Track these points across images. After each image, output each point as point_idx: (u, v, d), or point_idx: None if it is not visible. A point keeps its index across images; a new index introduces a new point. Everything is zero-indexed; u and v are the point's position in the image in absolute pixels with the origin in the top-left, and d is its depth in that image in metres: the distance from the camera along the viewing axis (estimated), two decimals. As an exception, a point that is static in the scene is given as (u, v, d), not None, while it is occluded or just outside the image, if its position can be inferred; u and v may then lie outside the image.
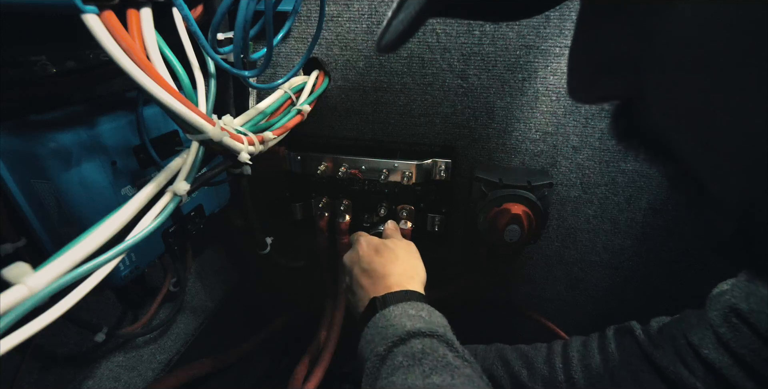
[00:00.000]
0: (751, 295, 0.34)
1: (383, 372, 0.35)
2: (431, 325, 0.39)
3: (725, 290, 0.38)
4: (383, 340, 0.38)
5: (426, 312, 0.42)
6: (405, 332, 0.38)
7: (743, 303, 0.35)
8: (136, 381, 0.61)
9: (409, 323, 0.39)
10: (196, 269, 0.76)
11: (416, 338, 0.37)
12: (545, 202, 0.58)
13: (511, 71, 0.55)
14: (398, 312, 0.41)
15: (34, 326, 0.23)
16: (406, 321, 0.40)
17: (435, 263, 0.53)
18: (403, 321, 0.40)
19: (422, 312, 0.41)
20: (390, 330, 0.39)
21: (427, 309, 0.42)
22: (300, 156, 0.65)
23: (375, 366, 0.37)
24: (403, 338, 0.37)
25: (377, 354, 0.37)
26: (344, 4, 0.54)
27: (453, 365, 0.34)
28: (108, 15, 0.25)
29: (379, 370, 0.36)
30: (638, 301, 0.69)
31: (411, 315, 0.40)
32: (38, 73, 0.37)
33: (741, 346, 0.34)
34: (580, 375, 0.45)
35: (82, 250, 0.25)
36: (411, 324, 0.39)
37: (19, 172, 0.37)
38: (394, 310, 0.41)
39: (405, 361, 0.35)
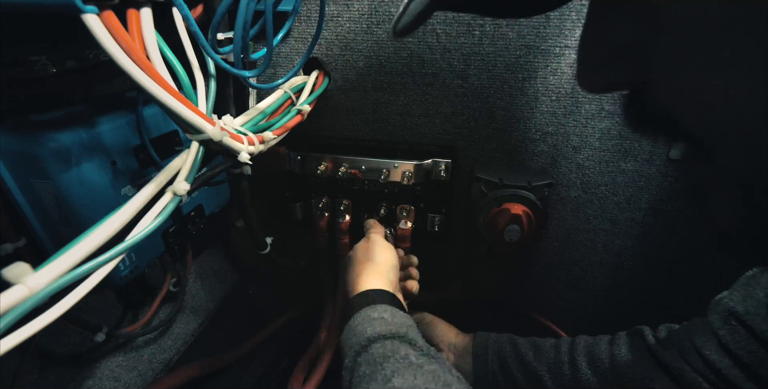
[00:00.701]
0: (748, 298, 0.35)
1: (353, 385, 0.36)
2: (393, 326, 0.39)
3: (725, 295, 0.38)
4: (349, 351, 0.39)
5: (389, 313, 0.42)
6: (365, 338, 0.38)
7: (740, 306, 0.36)
8: (136, 381, 0.61)
9: (369, 328, 0.39)
10: (196, 269, 0.76)
11: (377, 342, 0.37)
12: (545, 202, 0.58)
13: (511, 71, 0.55)
14: (360, 319, 0.41)
15: (34, 326, 0.23)
16: (367, 326, 0.40)
17: (435, 263, 0.54)
18: (364, 327, 0.40)
19: (384, 314, 0.41)
20: (353, 339, 0.40)
21: (390, 310, 0.42)
22: (300, 156, 0.65)
23: (346, 380, 0.37)
24: (364, 345, 0.38)
25: (346, 367, 0.38)
26: (344, 4, 0.54)
27: (415, 364, 0.34)
28: (108, 15, 0.25)
29: (351, 383, 0.36)
30: (638, 301, 0.69)
31: (372, 319, 0.41)
32: (38, 73, 0.37)
33: (739, 348, 0.35)
34: (583, 359, 0.46)
35: (82, 250, 0.25)
36: (371, 328, 0.39)
37: (19, 172, 0.37)
38: (356, 317, 0.42)
39: (367, 369, 0.35)
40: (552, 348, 0.50)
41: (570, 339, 0.50)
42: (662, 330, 0.45)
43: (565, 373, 0.47)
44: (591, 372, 0.45)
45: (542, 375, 0.48)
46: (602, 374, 0.45)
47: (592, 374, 0.45)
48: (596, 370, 0.45)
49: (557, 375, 0.47)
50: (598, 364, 0.45)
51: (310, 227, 0.71)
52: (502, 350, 0.52)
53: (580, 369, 0.46)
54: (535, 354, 0.50)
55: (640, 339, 0.45)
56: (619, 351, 0.45)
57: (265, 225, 0.77)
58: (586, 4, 0.22)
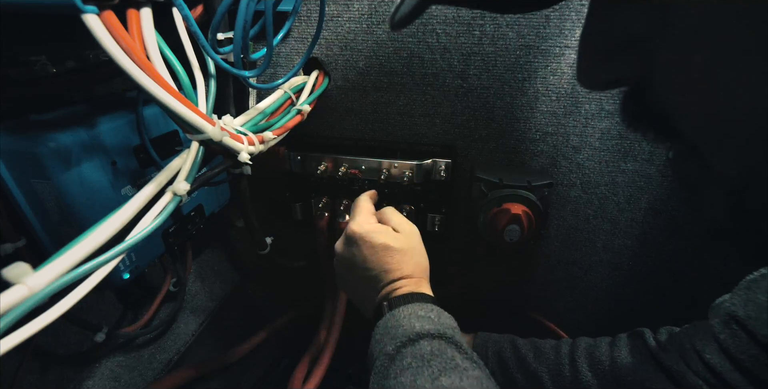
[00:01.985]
0: (749, 302, 0.35)
1: (392, 372, 0.35)
2: (440, 327, 0.39)
3: (726, 299, 0.38)
4: (392, 340, 0.38)
5: (435, 313, 0.41)
6: (414, 333, 0.38)
7: (741, 310, 0.35)
8: (136, 381, 0.61)
9: (418, 324, 0.39)
10: (196, 269, 0.76)
11: (425, 339, 0.37)
12: (545, 202, 0.58)
13: (511, 71, 0.55)
14: (407, 313, 0.41)
15: (34, 326, 0.23)
16: (415, 321, 0.39)
17: (435, 263, 0.53)
18: (412, 322, 0.39)
19: (431, 313, 0.41)
20: (399, 330, 0.39)
21: (436, 311, 0.42)
22: (300, 156, 0.65)
23: (384, 365, 0.37)
24: (412, 339, 0.37)
25: (386, 354, 0.37)
26: (344, 4, 0.54)
27: (462, 367, 0.34)
28: (108, 15, 0.25)
29: (388, 370, 0.36)
30: (638, 301, 0.69)
31: (420, 316, 0.40)
32: (38, 73, 0.37)
33: (740, 352, 0.35)
34: (583, 361, 0.46)
35: (82, 250, 0.25)
36: (420, 325, 0.39)
37: (19, 172, 0.37)
38: (403, 310, 0.41)
39: (414, 362, 0.35)
40: (552, 350, 0.50)
41: (570, 341, 0.50)
42: (663, 333, 0.44)
43: (565, 375, 0.47)
44: (591, 374, 0.45)
45: (542, 376, 0.48)
46: (602, 376, 0.45)
47: (592, 376, 0.45)
48: (596, 372, 0.45)
49: (557, 376, 0.47)
50: (598, 366, 0.45)
51: (310, 227, 0.71)
52: (502, 350, 0.52)
53: (580, 370, 0.46)
54: (535, 355, 0.50)
55: (641, 342, 0.45)
56: (619, 354, 0.45)
57: (265, 225, 0.77)
58: (586, 3, 0.22)
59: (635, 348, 0.44)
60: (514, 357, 0.51)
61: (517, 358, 0.51)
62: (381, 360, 0.37)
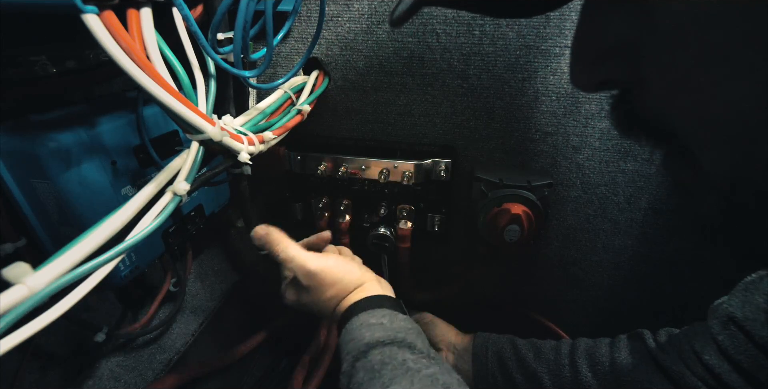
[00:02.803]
0: (747, 304, 0.35)
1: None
2: (391, 332, 0.39)
3: (724, 300, 0.39)
4: (347, 356, 0.38)
5: (387, 318, 0.41)
6: (363, 344, 0.38)
7: (739, 312, 0.36)
8: (136, 381, 0.61)
9: (368, 334, 0.39)
10: (196, 269, 0.76)
11: (375, 348, 0.37)
12: (545, 202, 0.58)
13: (511, 71, 0.55)
14: (358, 324, 0.41)
15: (34, 326, 0.23)
16: (365, 331, 0.39)
17: (435, 263, 0.54)
18: (363, 332, 0.39)
19: (383, 319, 0.41)
20: (351, 344, 0.39)
21: (388, 315, 0.41)
22: (300, 156, 0.65)
23: (344, 385, 0.37)
24: (363, 351, 0.37)
25: (344, 373, 0.38)
26: (344, 4, 0.54)
27: (413, 369, 0.34)
28: (108, 15, 0.25)
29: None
30: (638, 301, 0.69)
31: (371, 324, 0.40)
32: (38, 73, 0.37)
33: (738, 353, 0.35)
34: (583, 361, 0.46)
35: (82, 250, 0.25)
36: (370, 334, 0.39)
37: (19, 172, 0.37)
38: (354, 322, 0.41)
39: (365, 376, 0.35)
40: (552, 350, 0.50)
41: (570, 341, 0.50)
42: (662, 334, 0.45)
43: (565, 375, 0.47)
44: (591, 375, 0.45)
45: (542, 376, 0.48)
46: (602, 377, 0.45)
47: (592, 376, 0.45)
48: (596, 373, 0.45)
49: (557, 376, 0.47)
50: (598, 367, 0.45)
51: (310, 227, 0.71)
52: (502, 351, 0.52)
53: (580, 371, 0.46)
54: (535, 355, 0.50)
55: (641, 343, 0.45)
56: (619, 354, 0.45)
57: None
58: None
59: (635, 348, 0.45)
60: (514, 357, 0.51)
61: (517, 358, 0.51)
62: (342, 380, 0.37)
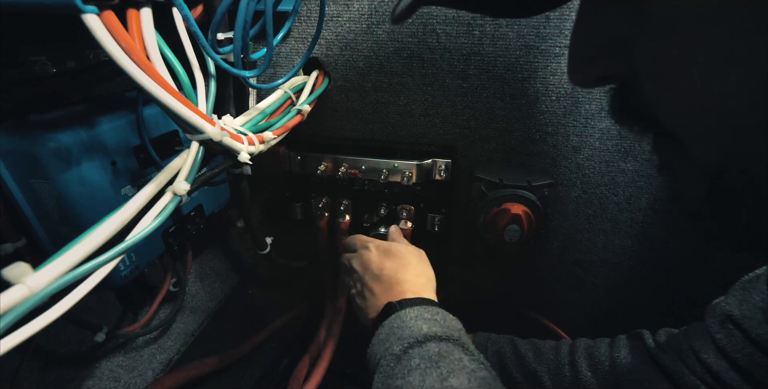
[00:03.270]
0: (744, 302, 0.36)
1: (398, 371, 0.35)
2: (447, 329, 0.40)
3: (722, 299, 0.39)
4: (399, 340, 0.38)
5: (441, 316, 0.42)
6: (422, 335, 0.38)
7: (736, 310, 0.36)
8: (136, 381, 0.61)
9: (425, 326, 0.39)
10: (196, 269, 0.76)
11: (432, 341, 0.37)
12: (545, 202, 0.58)
13: (511, 71, 0.55)
14: (414, 315, 0.41)
15: (34, 326, 0.23)
16: (422, 323, 0.40)
17: (435, 263, 0.54)
18: (419, 324, 0.40)
19: (437, 316, 0.42)
20: (406, 331, 0.39)
21: (442, 314, 0.42)
22: (300, 156, 0.65)
23: (389, 365, 0.37)
24: (420, 340, 0.38)
25: (392, 354, 0.37)
26: (344, 4, 0.54)
27: (470, 368, 0.34)
28: (108, 15, 0.25)
29: (394, 369, 0.36)
30: (638, 301, 0.69)
31: (427, 319, 0.41)
32: (38, 73, 0.37)
33: (735, 351, 0.35)
34: (583, 361, 0.47)
35: (82, 250, 0.25)
36: (427, 327, 0.39)
37: (19, 172, 0.37)
38: (410, 312, 0.42)
39: (422, 363, 0.35)
40: (552, 350, 0.50)
41: (570, 341, 0.50)
42: (662, 334, 0.45)
43: (565, 375, 0.47)
44: (591, 375, 0.45)
45: (542, 376, 0.48)
46: (602, 376, 0.45)
47: (591, 376, 0.45)
48: (596, 372, 0.45)
49: (557, 376, 0.47)
50: (598, 366, 0.45)
51: (310, 227, 0.71)
52: (501, 350, 0.52)
53: (580, 371, 0.46)
54: (535, 355, 0.50)
55: (640, 343, 0.45)
56: (618, 354, 0.45)
57: (265, 225, 0.77)
58: None
59: (634, 348, 0.45)
60: (513, 357, 0.51)
61: (517, 358, 0.51)
62: (387, 360, 0.37)
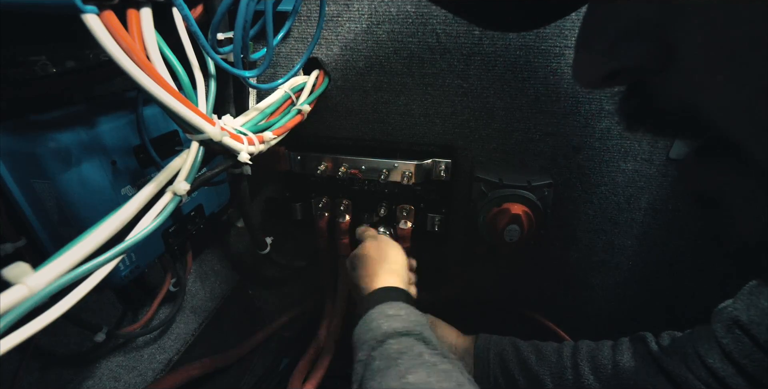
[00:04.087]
0: (752, 307, 0.35)
1: (366, 377, 0.36)
2: (408, 324, 0.40)
3: (729, 304, 0.38)
4: (363, 345, 0.39)
5: (405, 311, 0.42)
6: (381, 333, 0.39)
7: (744, 315, 0.35)
8: (136, 381, 0.61)
9: (385, 324, 0.40)
10: (196, 269, 0.76)
11: (392, 338, 0.38)
12: (545, 202, 0.58)
13: (511, 71, 0.55)
14: (375, 314, 0.42)
15: (34, 326, 0.23)
16: (383, 321, 0.41)
17: (435, 263, 0.54)
18: (380, 323, 0.40)
19: (400, 312, 0.42)
20: (368, 334, 0.40)
21: (405, 308, 0.43)
22: (300, 156, 0.65)
23: (358, 373, 0.38)
24: (380, 340, 0.38)
25: (359, 361, 0.38)
26: (344, 4, 0.54)
27: (429, 362, 0.34)
28: (108, 15, 0.25)
29: (363, 377, 0.36)
30: (638, 301, 0.69)
31: (388, 315, 0.41)
32: (38, 73, 0.37)
33: (743, 356, 0.35)
34: (586, 364, 0.46)
35: (82, 250, 0.25)
36: (387, 324, 0.40)
37: (19, 172, 0.37)
38: (372, 312, 0.43)
39: (382, 364, 0.35)
40: (554, 353, 0.49)
41: (573, 344, 0.50)
42: (665, 337, 0.44)
43: (568, 378, 0.47)
44: (593, 378, 0.45)
45: (544, 378, 0.48)
46: (605, 380, 0.44)
47: (594, 380, 0.45)
48: (599, 376, 0.45)
49: (559, 379, 0.47)
50: (600, 370, 0.45)
51: (310, 227, 0.71)
52: (503, 353, 0.52)
53: (582, 374, 0.46)
54: (537, 357, 0.50)
55: (643, 346, 0.44)
56: (621, 357, 0.45)
57: (265, 225, 0.77)
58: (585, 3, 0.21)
59: (638, 352, 0.44)
60: (515, 360, 0.51)
61: (519, 360, 0.50)
62: (356, 369, 0.38)
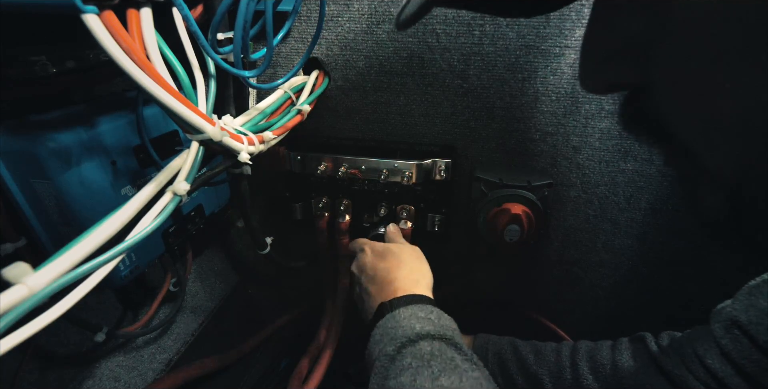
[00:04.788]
0: (751, 307, 0.35)
1: (391, 372, 0.35)
2: (440, 328, 0.40)
3: (728, 304, 0.38)
4: (392, 340, 0.38)
5: (435, 315, 0.42)
6: (414, 333, 0.38)
7: (743, 316, 0.35)
8: (136, 381, 0.61)
9: (418, 325, 0.40)
10: (196, 269, 0.76)
11: (425, 340, 0.37)
12: (545, 202, 0.58)
13: (511, 71, 0.55)
14: (407, 314, 0.41)
15: (34, 326, 0.23)
16: (415, 322, 0.40)
17: (435, 263, 0.54)
18: (412, 323, 0.40)
19: (431, 315, 0.42)
20: (399, 331, 0.39)
21: (436, 312, 0.42)
22: (300, 156, 0.65)
23: (384, 366, 0.37)
24: (412, 339, 0.38)
25: (386, 354, 0.37)
26: (344, 4, 0.54)
27: (461, 368, 0.34)
28: (108, 15, 0.25)
29: (388, 370, 0.36)
30: (638, 301, 0.69)
31: (420, 318, 0.41)
32: (38, 73, 0.37)
33: (742, 357, 0.35)
34: (584, 364, 0.46)
35: (82, 250, 0.25)
36: (420, 326, 0.39)
37: (19, 172, 0.37)
38: (403, 312, 0.42)
39: (414, 362, 0.35)
40: (553, 352, 0.49)
41: (571, 344, 0.50)
42: (664, 338, 0.44)
43: (566, 378, 0.47)
44: (592, 378, 0.45)
45: (543, 378, 0.48)
46: (604, 380, 0.44)
47: (593, 380, 0.45)
48: (598, 376, 0.45)
49: (558, 379, 0.47)
50: (599, 370, 0.45)
51: (310, 227, 0.71)
52: (502, 352, 0.52)
53: (581, 374, 0.46)
54: (536, 357, 0.50)
55: (643, 346, 0.44)
56: (621, 357, 0.45)
57: (265, 225, 0.77)
58: (587, 3, 0.22)
59: (637, 352, 0.44)
60: (514, 359, 0.51)
61: (518, 360, 0.50)
62: (381, 361, 0.37)
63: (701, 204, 0.21)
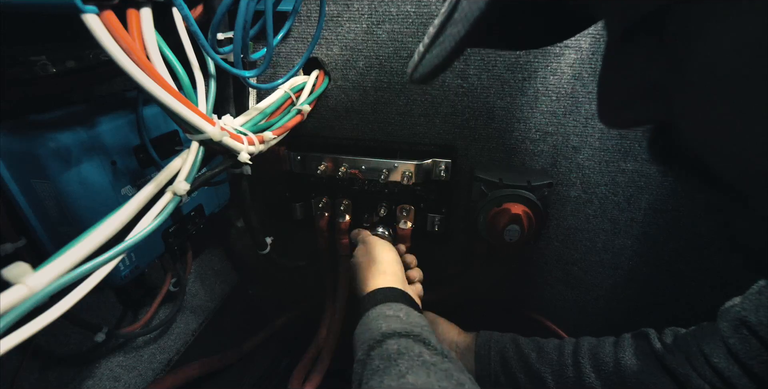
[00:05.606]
0: (761, 307, 0.35)
1: (364, 377, 0.36)
2: (407, 325, 0.40)
3: (737, 303, 0.38)
4: (362, 345, 0.39)
5: (404, 312, 0.42)
6: (380, 334, 0.39)
7: (753, 316, 0.35)
8: (136, 381, 0.61)
9: (384, 324, 0.40)
10: (196, 269, 0.76)
11: (391, 339, 0.38)
12: (545, 202, 0.58)
13: (511, 71, 0.55)
14: (375, 315, 0.42)
15: (34, 326, 0.23)
16: (382, 322, 0.41)
17: (435, 263, 0.54)
18: (380, 323, 0.41)
19: (399, 313, 0.42)
20: (367, 334, 0.40)
21: (404, 310, 0.43)
22: (300, 156, 0.65)
23: (357, 373, 0.37)
24: (378, 340, 0.38)
25: (358, 361, 0.38)
26: (344, 4, 0.54)
27: (429, 362, 0.34)
28: (108, 15, 0.25)
29: (361, 376, 0.36)
30: (638, 301, 0.69)
31: (387, 316, 0.42)
32: (38, 73, 0.37)
33: (750, 357, 0.34)
34: (587, 362, 0.46)
35: (82, 250, 0.25)
36: (386, 325, 0.40)
37: (19, 172, 0.37)
38: (371, 313, 0.43)
39: (381, 364, 0.35)
40: (555, 350, 0.49)
41: (574, 341, 0.50)
42: (668, 334, 0.44)
43: (569, 375, 0.46)
44: (595, 376, 0.45)
45: (545, 376, 0.48)
46: (606, 377, 0.44)
47: (596, 377, 0.45)
48: (600, 373, 0.45)
49: (560, 377, 0.47)
50: (602, 367, 0.45)
51: (310, 227, 0.71)
52: (504, 350, 0.52)
53: (584, 371, 0.45)
54: (538, 355, 0.50)
55: (646, 343, 0.44)
56: (624, 355, 0.44)
57: (265, 225, 0.77)
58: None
59: (640, 349, 0.44)
60: (516, 357, 0.51)
61: (520, 358, 0.50)
62: (355, 368, 0.38)
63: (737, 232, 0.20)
